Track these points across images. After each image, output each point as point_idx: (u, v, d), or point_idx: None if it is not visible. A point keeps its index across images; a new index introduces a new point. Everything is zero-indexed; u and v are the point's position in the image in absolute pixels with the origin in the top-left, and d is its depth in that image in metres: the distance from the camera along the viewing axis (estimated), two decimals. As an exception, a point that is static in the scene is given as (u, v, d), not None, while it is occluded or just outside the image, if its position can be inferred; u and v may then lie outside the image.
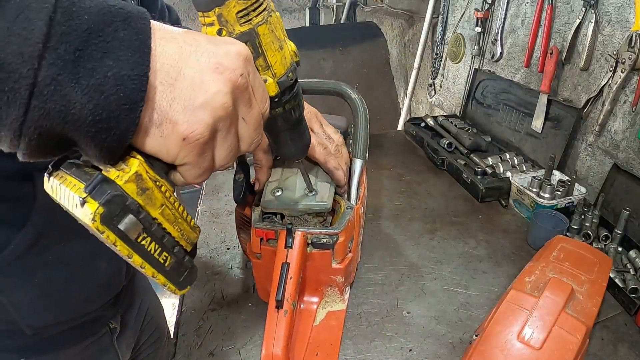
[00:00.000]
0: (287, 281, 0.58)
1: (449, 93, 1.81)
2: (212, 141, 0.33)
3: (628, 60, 0.91)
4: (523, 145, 1.26)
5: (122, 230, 0.30)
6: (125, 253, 0.31)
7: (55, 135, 0.26)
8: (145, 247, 0.32)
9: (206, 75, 0.30)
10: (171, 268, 0.35)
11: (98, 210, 0.29)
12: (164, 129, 0.30)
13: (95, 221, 0.29)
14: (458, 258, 0.87)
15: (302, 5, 3.32)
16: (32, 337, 0.55)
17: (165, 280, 0.35)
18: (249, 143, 0.36)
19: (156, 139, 0.30)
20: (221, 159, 0.35)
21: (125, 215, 0.30)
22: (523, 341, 0.58)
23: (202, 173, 0.34)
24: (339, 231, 0.62)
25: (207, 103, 0.30)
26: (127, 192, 0.30)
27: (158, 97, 0.29)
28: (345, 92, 0.70)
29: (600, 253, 0.76)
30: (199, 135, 0.31)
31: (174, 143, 0.30)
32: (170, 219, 0.35)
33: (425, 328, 0.71)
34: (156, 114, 0.29)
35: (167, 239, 0.34)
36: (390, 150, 1.39)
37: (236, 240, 0.91)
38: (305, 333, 0.66)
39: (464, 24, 1.61)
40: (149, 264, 0.33)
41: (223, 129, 0.33)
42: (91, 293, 0.59)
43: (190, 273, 0.38)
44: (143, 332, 0.79)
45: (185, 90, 0.30)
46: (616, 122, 0.99)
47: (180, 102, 0.30)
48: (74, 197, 0.29)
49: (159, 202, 0.33)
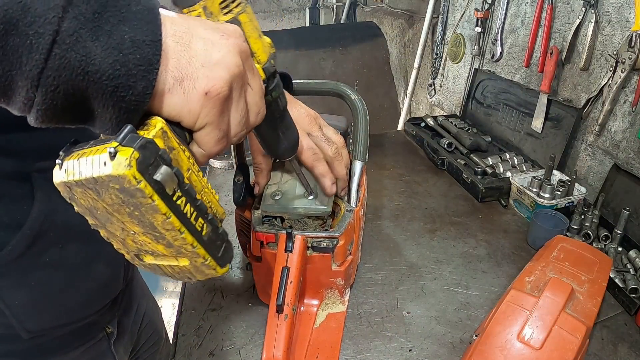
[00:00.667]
0: (287, 285, 0.58)
1: (449, 93, 1.81)
2: (229, 101, 0.34)
3: (628, 60, 0.90)
4: (523, 145, 1.26)
5: (159, 182, 0.28)
6: (163, 210, 0.29)
7: (73, 91, 0.27)
8: (182, 207, 0.30)
9: (216, 39, 0.33)
10: (209, 238, 0.33)
11: (133, 155, 0.27)
12: (185, 85, 0.31)
13: (132, 167, 0.26)
14: (458, 258, 0.87)
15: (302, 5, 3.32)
16: (28, 342, 0.53)
17: (205, 252, 0.32)
18: (256, 112, 0.39)
19: (179, 96, 0.31)
20: (235, 124, 0.36)
21: (159, 166, 0.28)
22: (523, 341, 0.58)
23: (221, 138, 0.35)
24: (339, 235, 0.62)
25: (222, 61, 0.32)
26: (158, 144, 0.29)
27: (177, 56, 0.31)
28: (345, 92, 0.70)
29: (600, 253, 0.76)
30: (220, 89, 0.32)
31: (196, 99, 0.31)
32: (198, 188, 0.33)
33: (425, 328, 0.71)
34: (177, 71, 0.31)
35: (200, 203, 0.32)
36: (390, 150, 1.39)
37: (236, 240, 0.91)
38: (305, 335, 0.66)
39: (464, 24, 1.60)
40: (188, 230, 0.31)
41: (237, 89, 0.35)
42: (88, 297, 0.58)
43: (227, 249, 0.35)
44: (141, 335, 0.79)
45: (200, 50, 0.32)
46: (616, 122, 0.99)
47: (198, 60, 0.31)
48: (101, 157, 0.27)
49: (186, 165, 0.32)
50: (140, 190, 0.27)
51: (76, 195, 0.30)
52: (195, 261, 0.33)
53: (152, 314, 0.84)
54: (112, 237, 0.34)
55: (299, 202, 0.63)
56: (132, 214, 0.29)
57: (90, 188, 0.28)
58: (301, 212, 0.63)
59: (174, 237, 0.30)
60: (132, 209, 0.29)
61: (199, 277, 0.35)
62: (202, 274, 0.34)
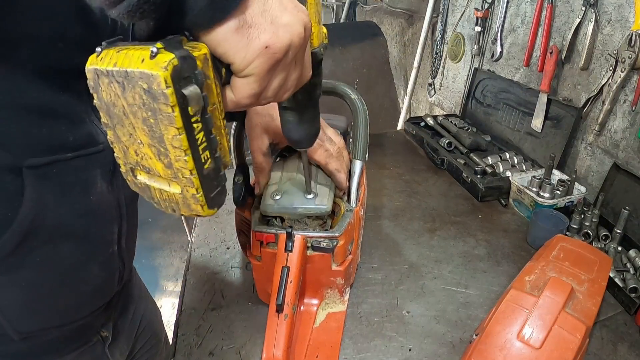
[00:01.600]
0: (287, 285, 0.58)
1: (448, 92, 1.81)
2: (279, 64, 0.35)
3: (628, 59, 0.90)
4: (523, 145, 1.26)
5: (186, 96, 0.29)
6: (178, 124, 0.29)
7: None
8: (195, 132, 0.31)
9: (289, 7, 0.35)
10: (208, 173, 0.33)
11: (173, 60, 0.27)
12: (252, 32, 0.33)
13: (168, 70, 0.27)
14: (458, 257, 0.87)
15: (301, 4, 3.31)
16: (19, 343, 0.52)
17: (200, 185, 0.33)
18: (290, 88, 0.40)
19: (243, 39, 0.32)
20: (272, 88, 0.37)
21: (191, 83, 0.29)
22: (523, 340, 0.58)
23: (255, 93, 0.36)
24: (339, 235, 0.62)
25: (290, 25, 0.34)
26: (197, 64, 0.30)
27: (254, 4, 0.32)
28: (345, 92, 0.70)
29: (600, 252, 0.76)
30: (278, 49, 0.34)
31: (256, 47, 0.33)
32: (217, 125, 0.34)
33: (425, 327, 0.71)
34: (250, 17, 0.32)
35: (213, 138, 0.33)
36: (390, 149, 1.39)
37: (236, 239, 0.91)
38: (305, 335, 0.66)
39: (464, 23, 1.60)
40: (192, 155, 0.31)
41: (290, 57, 0.36)
42: (82, 299, 0.56)
43: (221, 192, 0.36)
44: (138, 339, 0.77)
45: (274, 8, 0.34)
46: (616, 122, 0.99)
47: (270, 15, 0.33)
48: (143, 53, 0.27)
49: (213, 98, 0.33)
50: (165, 96, 0.28)
51: (101, 86, 0.30)
52: (187, 190, 0.33)
53: (150, 316, 0.82)
54: (116, 141, 0.34)
55: (298, 202, 0.63)
56: (147, 121, 0.30)
57: (118, 81, 0.29)
58: (301, 212, 0.63)
59: (176, 157, 0.31)
60: (149, 114, 0.29)
61: (183, 210, 0.35)
62: (188, 207, 0.34)
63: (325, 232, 0.62)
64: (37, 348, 0.55)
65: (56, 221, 0.49)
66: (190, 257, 0.89)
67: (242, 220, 0.72)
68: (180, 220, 2.20)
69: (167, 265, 2.51)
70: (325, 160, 0.63)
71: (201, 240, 0.93)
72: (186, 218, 2.15)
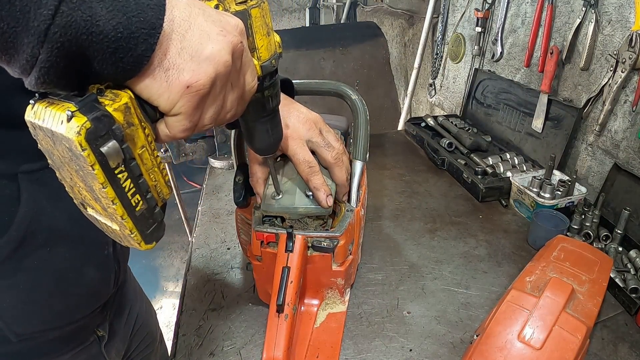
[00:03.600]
0: (287, 285, 0.58)
1: (449, 93, 1.81)
2: (207, 97, 0.35)
3: (628, 60, 0.90)
4: (523, 145, 1.26)
5: (104, 154, 0.30)
6: (100, 180, 0.31)
7: (76, 49, 0.27)
8: (121, 181, 0.32)
9: (212, 34, 0.33)
10: (141, 214, 0.35)
11: (85, 124, 0.28)
12: (170, 74, 0.32)
13: (81, 135, 0.28)
14: (458, 258, 0.87)
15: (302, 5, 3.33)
16: (17, 344, 0.53)
17: (133, 226, 0.34)
18: (229, 112, 0.39)
19: (161, 83, 0.32)
20: (207, 118, 0.37)
21: (109, 140, 0.30)
22: (523, 341, 0.58)
23: (188, 128, 0.36)
24: (340, 235, 0.62)
25: (212, 57, 0.33)
26: (115, 119, 0.31)
27: (169, 45, 0.31)
28: (346, 92, 0.70)
29: (601, 253, 0.76)
30: (202, 86, 0.33)
31: (176, 89, 0.32)
32: (148, 166, 0.35)
33: (426, 328, 0.71)
34: (166, 59, 0.31)
35: (142, 182, 0.34)
36: (390, 150, 1.39)
37: (236, 240, 0.91)
38: (305, 335, 0.66)
39: (464, 24, 1.60)
40: (121, 202, 0.33)
41: (218, 87, 0.35)
42: (78, 301, 0.57)
43: (158, 228, 0.37)
44: (133, 338, 0.78)
45: (194, 42, 0.32)
46: (616, 122, 0.99)
47: (189, 52, 0.32)
48: (61, 115, 0.29)
49: (141, 142, 0.34)
50: (83, 158, 0.29)
51: (39, 136, 0.32)
52: (123, 230, 0.35)
53: (145, 316, 0.83)
54: (64, 180, 0.36)
55: (299, 201, 0.63)
56: (78, 172, 0.32)
57: (48, 136, 0.31)
58: (302, 211, 0.63)
59: (107, 204, 0.33)
60: (77, 167, 0.31)
61: (125, 243, 0.37)
62: (128, 242, 0.36)
63: (325, 232, 0.62)
64: (34, 349, 0.56)
65: (52, 225, 0.50)
66: (190, 257, 0.89)
67: (243, 220, 0.72)
68: (180, 221, 2.21)
69: (168, 265, 2.51)
70: (307, 176, 0.62)
71: (202, 241, 0.93)
72: (187, 218, 2.16)
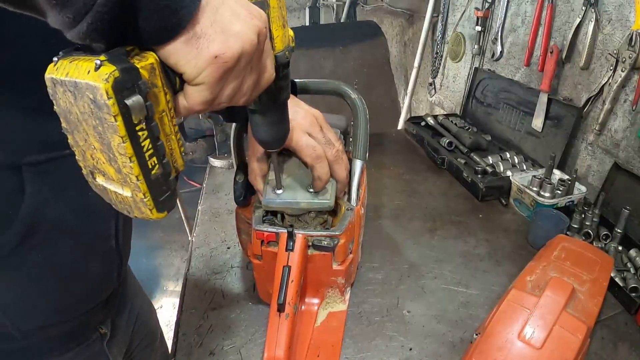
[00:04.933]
0: (288, 285, 0.58)
1: (449, 92, 1.81)
2: (230, 72, 0.36)
3: (628, 59, 0.90)
4: (523, 144, 1.26)
5: (128, 107, 0.30)
6: (121, 132, 0.30)
7: (129, 2, 0.28)
8: (140, 139, 0.32)
9: (242, 14, 0.35)
10: (156, 179, 0.34)
11: (114, 72, 0.29)
12: (201, 42, 0.33)
13: (109, 82, 0.28)
14: (458, 257, 0.87)
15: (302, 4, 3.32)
16: (22, 342, 0.53)
17: (147, 189, 0.34)
18: (246, 98, 0.40)
19: (191, 49, 0.33)
20: (224, 96, 0.38)
21: (134, 93, 0.30)
22: (524, 340, 0.58)
23: (207, 100, 0.37)
24: (340, 233, 0.62)
25: (241, 33, 0.35)
26: (142, 74, 0.31)
27: (204, 15, 0.33)
28: (345, 92, 0.70)
29: (602, 252, 0.76)
30: (228, 58, 0.34)
31: (205, 58, 0.34)
32: (166, 131, 0.35)
33: (426, 327, 0.71)
34: (200, 28, 0.33)
35: (160, 144, 0.34)
36: (390, 149, 1.39)
37: (236, 239, 0.91)
38: (306, 334, 0.66)
39: (464, 23, 1.60)
40: (138, 161, 0.32)
41: (242, 65, 0.36)
42: (82, 294, 0.57)
43: (170, 197, 0.37)
44: (134, 336, 0.78)
45: (225, 18, 0.34)
46: (616, 121, 0.99)
47: (220, 25, 0.34)
48: (89, 65, 0.29)
49: (162, 106, 0.34)
50: (107, 106, 0.29)
51: (58, 94, 0.32)
52: (136, 195, 0.34)
53: (145, 313, 0.83)
54: (75, 145, 0.35)
55: (301, 196, 0.62)
56: (96, 128, 0.31)
57: (70, 90, 0.30)
58: (303, 206, 0.62)
59: (123, 163, 0.32)
60: (97, 122, 0.31)
61: (135, 212, 0.36)
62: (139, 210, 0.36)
63: (326, 231, 0.62)
64: (38, 346, 0.56)
65: (56, 218, 0.50)
66: (190, 256, 0.89)
67: (243, 219, 0.72)
68: (180, 220, 2.21)
69: (168, 265, 2.51)
70: (312, 162, 0.61)
71: (202, 240, 0.93)
72: (187, 217, 2.16)
